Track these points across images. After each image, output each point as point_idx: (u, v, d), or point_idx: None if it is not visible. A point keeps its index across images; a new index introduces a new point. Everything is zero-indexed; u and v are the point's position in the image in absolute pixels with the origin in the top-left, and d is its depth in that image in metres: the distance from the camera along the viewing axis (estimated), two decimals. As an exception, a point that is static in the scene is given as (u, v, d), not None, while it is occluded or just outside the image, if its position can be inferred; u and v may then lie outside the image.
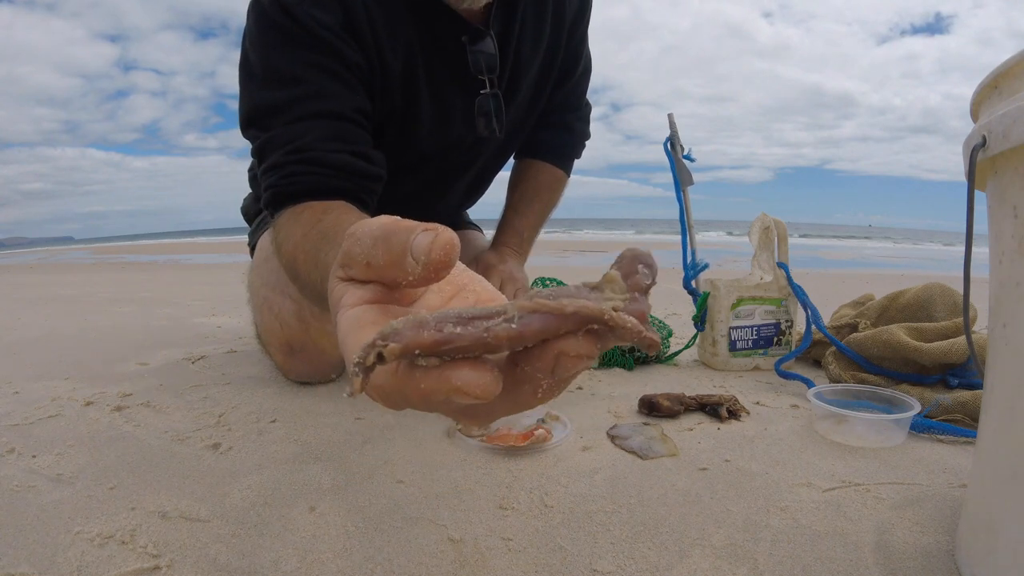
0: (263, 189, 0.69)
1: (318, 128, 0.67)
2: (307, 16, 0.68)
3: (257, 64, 0.70)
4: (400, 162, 0.89)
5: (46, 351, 1.28)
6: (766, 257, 1.07)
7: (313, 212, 0.63)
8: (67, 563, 0.46)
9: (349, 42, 0.70)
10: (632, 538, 0.49)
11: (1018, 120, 0.36)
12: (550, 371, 0.21)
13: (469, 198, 1.11)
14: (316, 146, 0.66)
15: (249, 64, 0.71)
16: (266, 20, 0.69)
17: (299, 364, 0.93)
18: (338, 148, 0.67)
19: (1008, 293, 0.39)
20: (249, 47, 0.71)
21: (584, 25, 0.96)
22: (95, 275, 3.97)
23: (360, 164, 0.69)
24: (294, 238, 0.60)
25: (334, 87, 0.69)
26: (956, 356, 0.79)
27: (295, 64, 0.68)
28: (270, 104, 0.69)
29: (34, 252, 13.41)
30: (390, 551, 0.48)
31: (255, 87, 0.70)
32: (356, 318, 0.26)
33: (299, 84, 0.68)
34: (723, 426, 0.76)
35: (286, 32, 0.68)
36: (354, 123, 0.70)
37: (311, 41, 0.68)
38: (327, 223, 0.59)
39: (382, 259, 0.27)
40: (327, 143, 0.67)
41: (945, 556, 0.46)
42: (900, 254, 8.03)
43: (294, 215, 0.65)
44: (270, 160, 0.68)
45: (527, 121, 0.98)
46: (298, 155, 0.66)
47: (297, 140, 0.66)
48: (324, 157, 0.66)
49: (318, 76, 0.68)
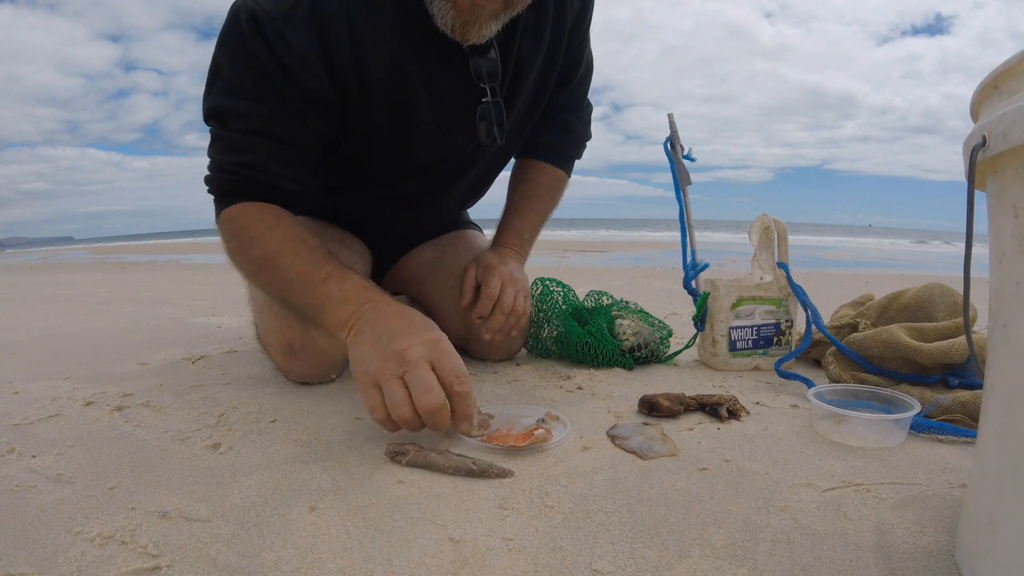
0: (214, 175, 0.79)
1: (267, 149, 0.76)
2: (278, 38, 0.71)
3: (225, 69, 0.75)
4: (400, 167, 0.89)
5: (46, 351, 1.28)
6: (766, 257, 1.07)
7: (293, 225, 0.77)
8: (67, 563, 0.46)
9: (315, 68, 0.74)
10: (632, 538, 0.49)
11: (1018, 120, 0.36)
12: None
13: (470, 199, 1.11)
14: (261, 166, 0.76)
15: (219, 65, 0.75)
16: (238, 32, 0.72)
17: (299, 364, 0.93)
18: (281, 173, 0.77)
19: (1008, 293, 0.39)
20: (220, 51, 0.75)
21: (585, 27, 0.96)
22: (95, 275, 3.97)
23: (294, 188, 0.79)
24: (273, 242, 0.75)
25: (289, 112, 0.75)
26: (956, 356, 0.79)
27: (256, 83, 0.73)
28: (231, 109, 0.75)
29: (34, 252, 13.41)
30: (390, 551, 0.48)
31: (220, 88, 0.76)
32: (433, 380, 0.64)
33: (258, 102, 0.74)
34: (723, 426, 0.76)
35: (253, 50, 0.71)
36: (299, 148, 0.78)
37: (275, 64, 0.72)
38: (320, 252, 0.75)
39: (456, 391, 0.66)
40: (273, 166, 0.77)
41: (945, 556, 0.46)
42: (900, 254, 8.04)
43: (261, 213, 0.77)
44: (222, 160, 0.77)
45: (528, 124, 0.98)
46: (246, 170, 0.76)
47: (249, 154, 0.76)
48: (266, 179, 0.77)
49: (275, 99, 0.74)
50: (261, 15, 0.70)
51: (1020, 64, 0.38)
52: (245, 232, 0.77)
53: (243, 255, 0.78)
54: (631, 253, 7.08)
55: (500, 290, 0.94)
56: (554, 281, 1.15)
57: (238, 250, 0.79)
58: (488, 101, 0.84)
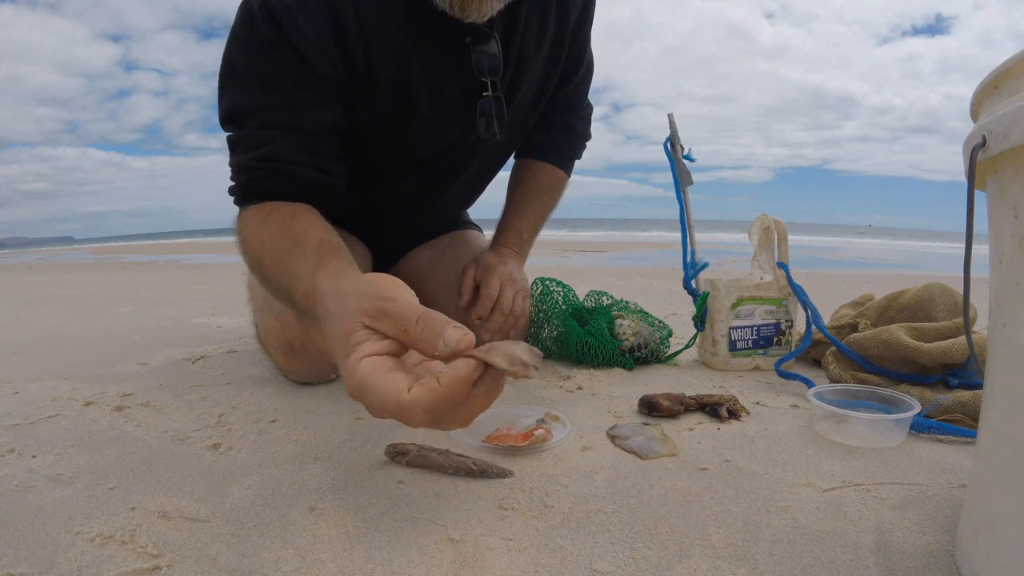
0: (231, 177, 0.74)
1: (287, 139, 0.71)
2: (291, 24, 0.69)
3: (239, 64, 0.72)
4: (399, 162, 0.89)
5: (46, 351, 1.28)
6: (766, 257, 1.07)
7: (282, 216, 0.69)
8: (67, 563, 0.46)
9: (330, 54, 0.72)
10: (632, 538, 0.49)
11: (1018, 120, 0.36)
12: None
13: (469, 197, 1.11)
14: (283, 156, 0.71)
15: (232, 62, 0.73)
16: (251, 23, 0.70)
17: (299, 364, 0.93)
18: (303, 160, 0.72)
19: (1008, 293, 0.39)
20: (233, 45, 0.73)
21: (587, 26, 0.96)
22: (95, 275, 3.97)
23: (321, 178, 0.74)
24: (261, 238, 0.67)
25: (307, 100, 0.72)
26: (956, 356, 0.79)
27: (273, 72, 0.70)
28: (247, 105, 0.72)
29: (34, 252, 13.41)
30: (390, 551, 0.48)
31: (234, 86, 0.73)
32: (382, 364, 0.42)
33: (275, 91, 0.71)
34: (723, 426, 0.76)
35: (268, 39, 0.70)
36: (320, 137, 0.74)
37: (291, 51, 0.70)
38: (296, 230, 0.65)
39: (419, 334, 0.42)
40: (294, 155, 0.71)
41: (945, 556, 0.46)
42: (900, 254, 8.04)
43: (262, 214, 0.70)
44: (240, 160, 0.72)
45: (528, 122, 0.98)
46: (266, 163, 0.71)
47: (266, 147, 0.71)
48: (289, 169, 0.71)
49: (293, 87, 0.71)
50: (274, 4, 0.69)
51: (1020, 64, 0.38)
52: (240, 234, 0.72)
53: (244, 259, 0.72)
54: (631, 253, 7.07)
55: (499, 291, 0.94)
56: (554, 281, 1.15)
57: (243, 256, 0.72)
58: (489, 95, 0.83)
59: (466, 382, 0.40)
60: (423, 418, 0.41)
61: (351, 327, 0.44)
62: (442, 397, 0.40)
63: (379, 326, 0.43)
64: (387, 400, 0.41)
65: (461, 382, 0.40)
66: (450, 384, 0.40)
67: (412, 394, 0.40)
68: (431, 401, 0.40)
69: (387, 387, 0.41)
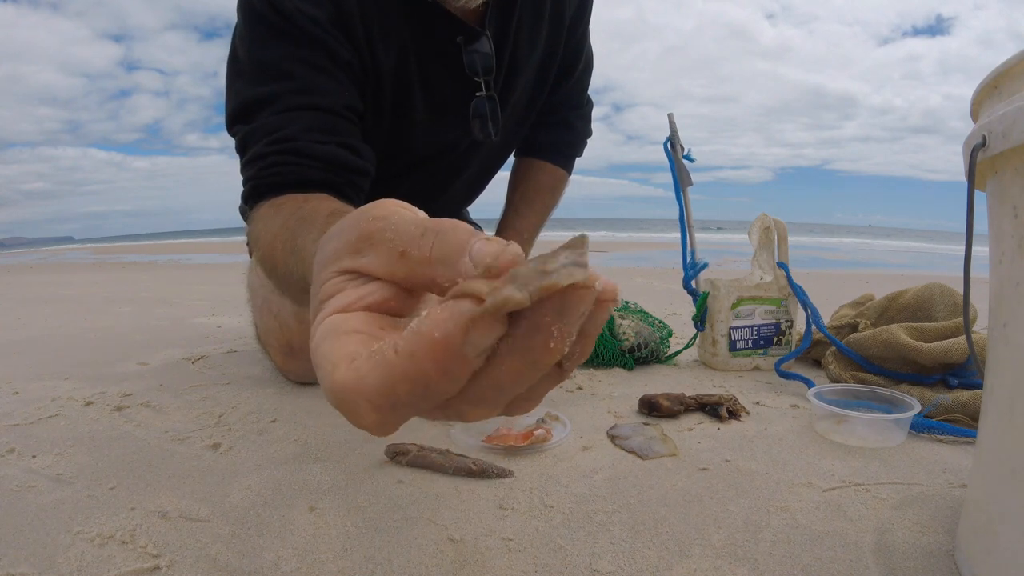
0: (244, 182, 0.67)
1: (303, 119, 0.64)
2: (296, 11, 0.66)
3: (245, 60, 0.68)
4: (395, 164, 0.88)
5: (46, 351, 1.28)
6: (766, 257, 1.07)
7: (294, 202, 0.59)
8: (67, 563, 0.46)
9: (339, 38, 0.69)
10: (632, 538, 0.49)
11: (1018, 120, 0.36)
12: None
13: (469, 196, 1.11)
14: (300, 136, 0.63)
15: (237, 61, 0.70)
16: (255, 15, 0.68)
17: (299, 364, 0.93)
18: (324, 139, 0.65)
19: (1008, 293, 0.39)
20: (238, 43, 0.70)
21: (585, 23, 0.96)
22: (95, 275, 3.97)
23: (345, 155, 0.66)
24: (272, 228, 0.54)
25: (323, 82, 0.67)
26: (956, 356, 0.79)
27: (283, 59, 0.66)
28: (256, 99, 0.66)
29: (34, 252, 13.41)
30: (390, 551, 0.48)
31: (242, 83, 0.68)
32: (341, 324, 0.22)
33: (287, 79, 0.66)
34: (723, 426, 0.76)
35: (274, 27, 0.67)
36: (342, 117, 0.67)
37: (300, 36, 0.66)
38: (307, 209, 0.54)
39: (430, 251, 0.22)
40: (312, 134, 0.64)
41: (945, 556, 0.46)
42: (900, 254, 8.03)
43: (273, 207, 0.60)
44: (252, 151, 0.65)
45: (526, 120, 0.97)
46: (281, 145, 0.63)
47: (280, 130, 0.64)
48: (308, 148, 0.63)
49: (307, 71, 0.66)
50: None
51: (1020, 64, 0.38)
52: (251, 234, 0.63)
53: (256, 260, 0.66)
54: (631, 253, 7.07)
55: None
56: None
57: (255, 258, 0.66)
58: (482, 96, 0.83)
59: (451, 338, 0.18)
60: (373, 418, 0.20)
61: (324, 277, 0.24)
62: (403, 375, 0.19)
63: (363, 264, 0.23)
64: (323, 381, 0.21)
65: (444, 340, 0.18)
66: (415, 350, 0.18)
67: (351, 369, 0.20)
68: (380, 383, 0.19)
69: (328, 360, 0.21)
